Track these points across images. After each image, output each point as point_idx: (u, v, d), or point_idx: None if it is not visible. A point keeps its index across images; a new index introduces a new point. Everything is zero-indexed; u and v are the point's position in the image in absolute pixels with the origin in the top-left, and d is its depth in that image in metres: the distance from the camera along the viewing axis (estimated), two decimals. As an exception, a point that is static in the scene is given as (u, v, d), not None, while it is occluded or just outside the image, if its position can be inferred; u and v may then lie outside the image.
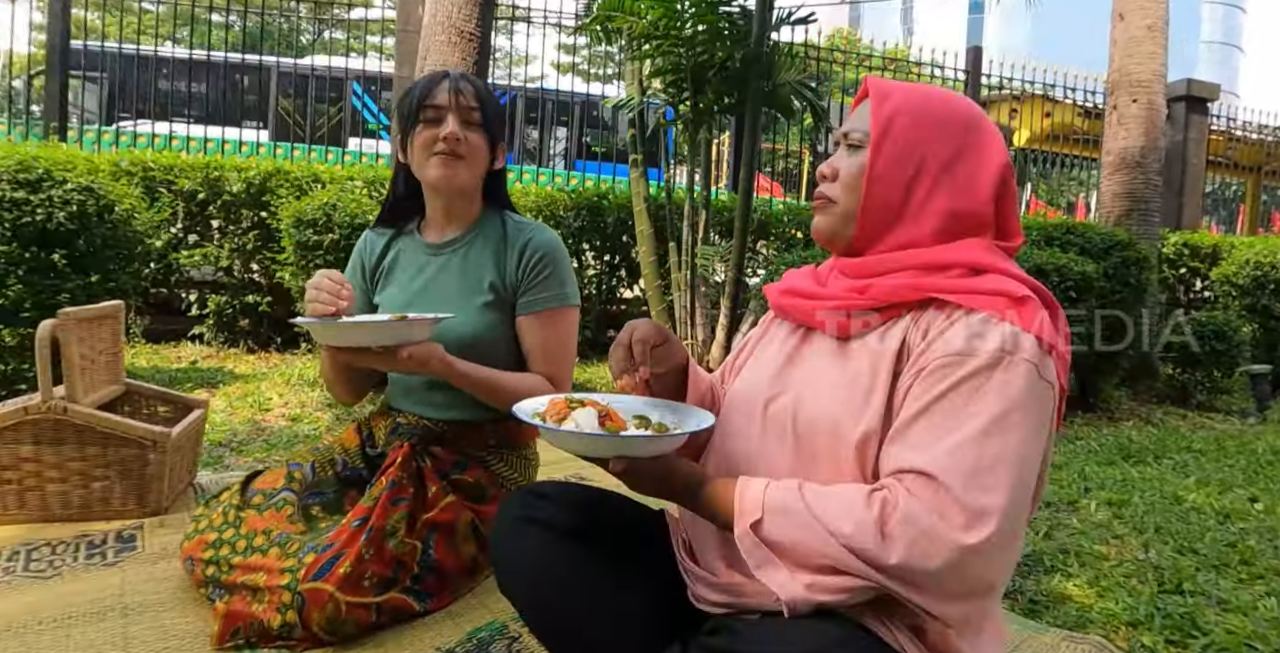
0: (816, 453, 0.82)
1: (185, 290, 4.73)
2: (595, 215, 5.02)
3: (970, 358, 0.74)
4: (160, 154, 4.65)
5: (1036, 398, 0.74)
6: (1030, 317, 0.77)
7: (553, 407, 0.86)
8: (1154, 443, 3.42)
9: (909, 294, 0.82)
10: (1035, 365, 0.74)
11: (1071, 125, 7.94)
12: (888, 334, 0.83)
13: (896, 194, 0.86)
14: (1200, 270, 6.30)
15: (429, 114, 1.36)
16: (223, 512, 1.37)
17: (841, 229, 0.91)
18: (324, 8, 7.34)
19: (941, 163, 0.85)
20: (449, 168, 1.37)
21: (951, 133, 0.86)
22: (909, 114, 0.86)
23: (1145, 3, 4.57)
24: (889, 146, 0.86)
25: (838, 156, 0.92)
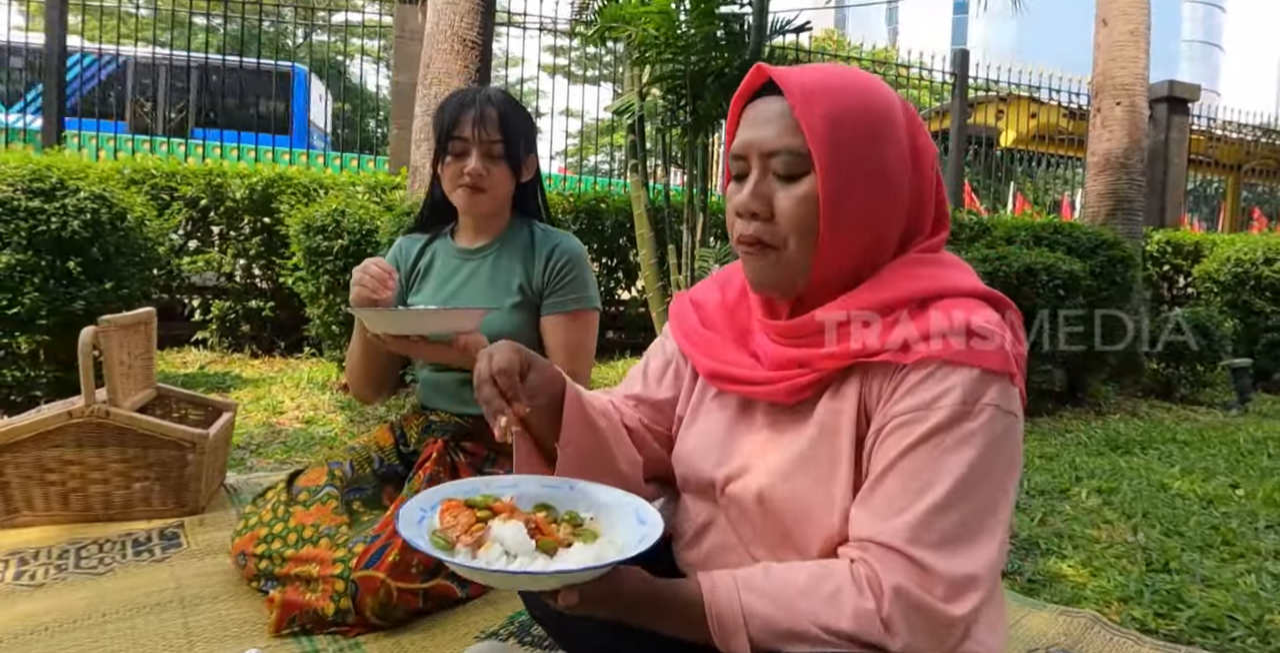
0: (789, 534, 0.74)
1: (188, 296, 4.77)
2: (594, 219, 5.11)
3: (930, 413, 0.66)
4: (162, 161, 4.69)
5: (1005, 439, 0.67)
6: (991, 352, 0.68)
7: (455, 518, 0.68)
8: (1141, 435, 3.54)
9: (859, 358, 0.71)
10: (999, 407, 0.67)
11: (1057, 126, 8.09)
12: (839, 393, 0.73)
13: (858, 225, 0.71)
14: (1183, 268, 6.45)
15: (455, 146, 1.46)
16: (271, 508, 1.45)
17: (792, 280, 0.74)
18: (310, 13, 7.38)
19: (890, 167, 0.71)
20: (472, 199, 1.48)
21: (891, 122, 0.71)
22: (848, 113, 0.69)
23: (1128, 8, 4.71)
24: (839, 165, 0.69)
25: (759, 184, 0.73)
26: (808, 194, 0.70)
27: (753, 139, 0.73)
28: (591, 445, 0.82)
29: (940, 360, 0.67)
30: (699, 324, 0.86)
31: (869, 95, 0.71)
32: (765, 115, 0.72)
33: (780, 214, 0.72)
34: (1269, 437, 3.58)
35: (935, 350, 0.67)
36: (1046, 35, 48.12)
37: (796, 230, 0.71)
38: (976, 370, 0.67)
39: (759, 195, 0.72)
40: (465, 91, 1.48)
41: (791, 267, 0.73)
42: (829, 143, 0.68)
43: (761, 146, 0.72)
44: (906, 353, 0.68)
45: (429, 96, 3.91)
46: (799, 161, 0.70)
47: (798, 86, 0.70)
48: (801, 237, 0.71)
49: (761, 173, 0.73)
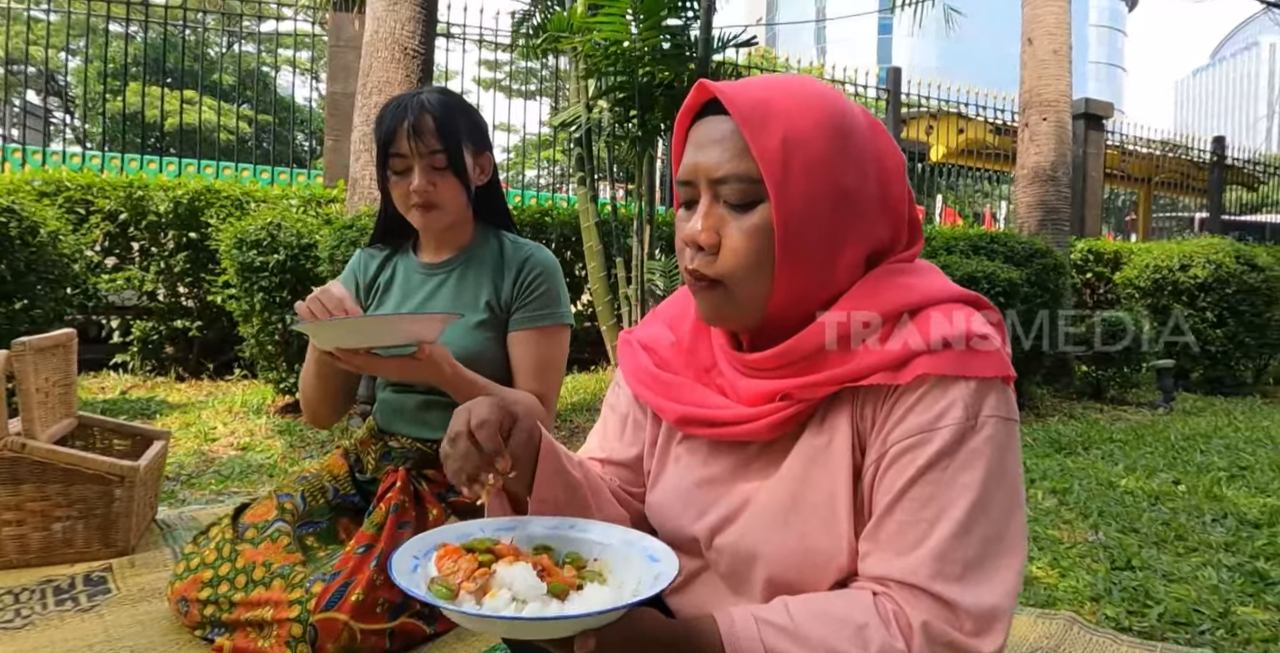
0: (792, 584, 0.67)
1: (106, 316, 4.47)
2: (538, 232, 5.03)
3: (934, 434, 0.61)
4: (76, 173, 4.40)
5: (1009, 448, 0.63)
6: (988, 359, 0.63)
7: (455, 564, 0.61)
8: (1080, 435, 3.66)
9: (850, 383, 0.64)
10: (1001, 416, 0.63)
11: (983, 141, 8.45)
12: (827, 423, 0.66)
13: (819, 253, 0.64)
14: (1104, 275, 6.79)
15: (396, 164, 1.34)
16: (215, 547, 1.33)
17: (747, 314, 0.67)
18: (233, 19, 7.11)
19: (855, 186, 0.64)
20: (426, 218, 1.36)
21: (853, 136, 0.64)
22: (804, 133, 0.62)
23: (1052, 28, 4.94)
24: (796, 192, 0.62)
25: (708, 214, 0.66)
26: (760, 225, 0.63)
27: (699, 163, 0.66)
28: (568, 499, 0.73)
29: (937, 376, 0.62)
30: (654, 367, 0.77)
31: (827, 110, 0.64)
32: (713, 136, 0.65)
33: (729, 248, 0.65)
34: (1196, 433, 3.76)
35: (931, 366, 0.62)
36: (967, 54, 50.55)
37: (748, 264, 0.64)
38: (974, 381, 0.62)
39: (708, 227, 0.65)
40: (400, 99, 1.35)
41: (745, 302, 0.66)
42: (783, 168, 0.62)
43: (709, 172, 0.65)
44: (900, 372, 0.62)
45: (369, 106, 3.78)
46: (751, 189, 0.63)
47: (747, 105, 0.63)
48: (755, 270, 0.64)
49: (710, 200, 0.66)
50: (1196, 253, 5.47)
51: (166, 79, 16.31)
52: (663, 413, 0.75)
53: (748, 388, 0.69)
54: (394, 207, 1.41)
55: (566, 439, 3.33)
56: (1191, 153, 10.12)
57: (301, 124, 16.88)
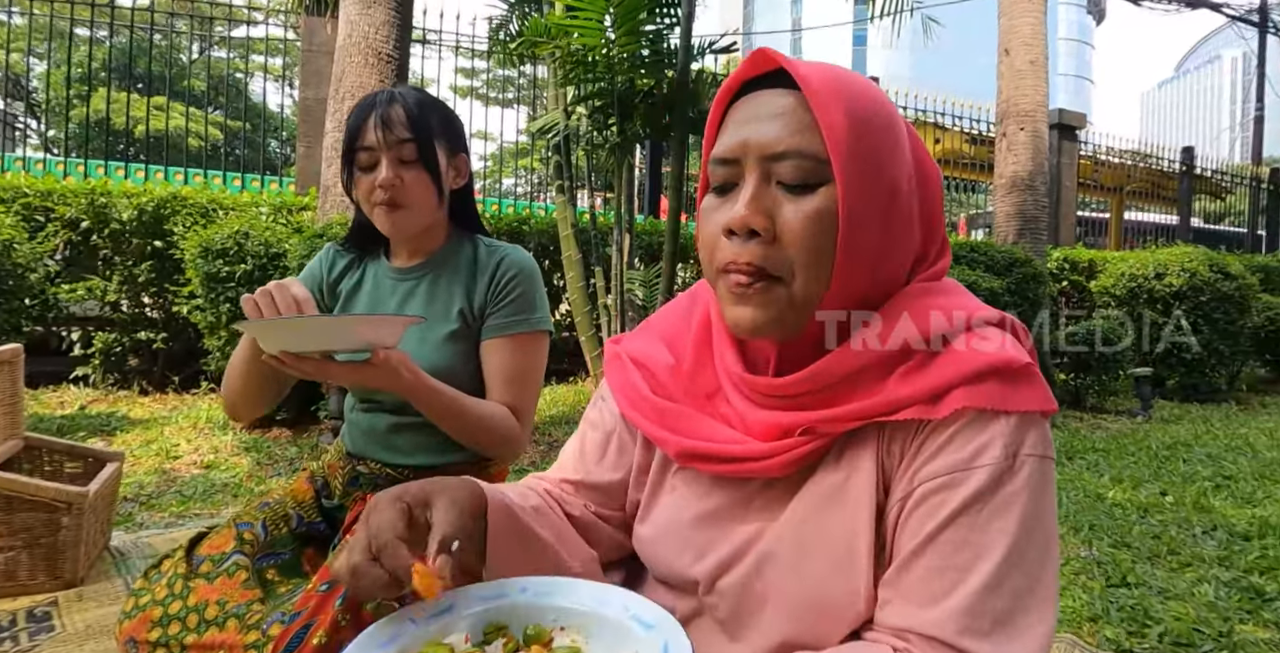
0: (800, 636, 0.61)
1: (65, 328, 4.31)
2: (516, 241, 4.95)
3: (969, 475, 0.55)
4: (36, 180, 4.24)
5: (1046, 489, 0.57)
6: (1031, 391, 0.57)
7: None
8: (1063, 445, 3.65)
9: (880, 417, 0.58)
10: (1040, 457, 0.56)
11: (960, 150, 8.51)
12: (847, 457, 0.60)
13: (874, 252, 0.58)
14: (1080, 283, 6.85)
15: (362, 158, 1.25)
16: (167, 583, 1.22)
17: (794, 322, 0.59)
18: (206, 24, 6.97)
19: (904, 184, 0.59)
20: (391, 218, 1.26)
21: (900, 134, 0.59)
22: (867, 117, 0.57)
23: (1029, 39, 4.98)
24: (862, 177, 0.56)
25: (756, 196, 0.58)
26: (823, 210, 0.56)
27: (752, 138, 0.58)
28: (528, 557, 0.65)
29: (976, 410, 0.56)
30: (650, 392, 0.69)
31: (881, 102, 0.59)
32: (770, 110, 0.58)
33: (788, 234, 0.56)
34: (1177, 442, 3.76)
35: (971, 399, 0.55)
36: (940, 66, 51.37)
37: (808, 256, 0.56)
38: (1015, 416, 0.56)
39: (760, 210, 0.57)
40: (370, 95, 1.27)
41: (799, 304, 0.58)
42: (851, 148, 0.56)
43: (766, 147, 0.57)
44: (936, 405, 0.56)
45: (341, 111, 3.69)
46: (814, 168, 0.56)
47: (817, 79, 0.57)
48: (813, 265, 0.57)
49: (760, 181, 0.58)
50: (1171, 261, 5.53)
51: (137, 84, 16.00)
52: (661, 444, 0.67)
53: (760, 420, 0.62)
54: (364, 214, 1.32)
55: (545, 453, 3.24)
56: (1162, 163, 10.31)
57: (275, 131, 16.64)
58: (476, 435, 1.28)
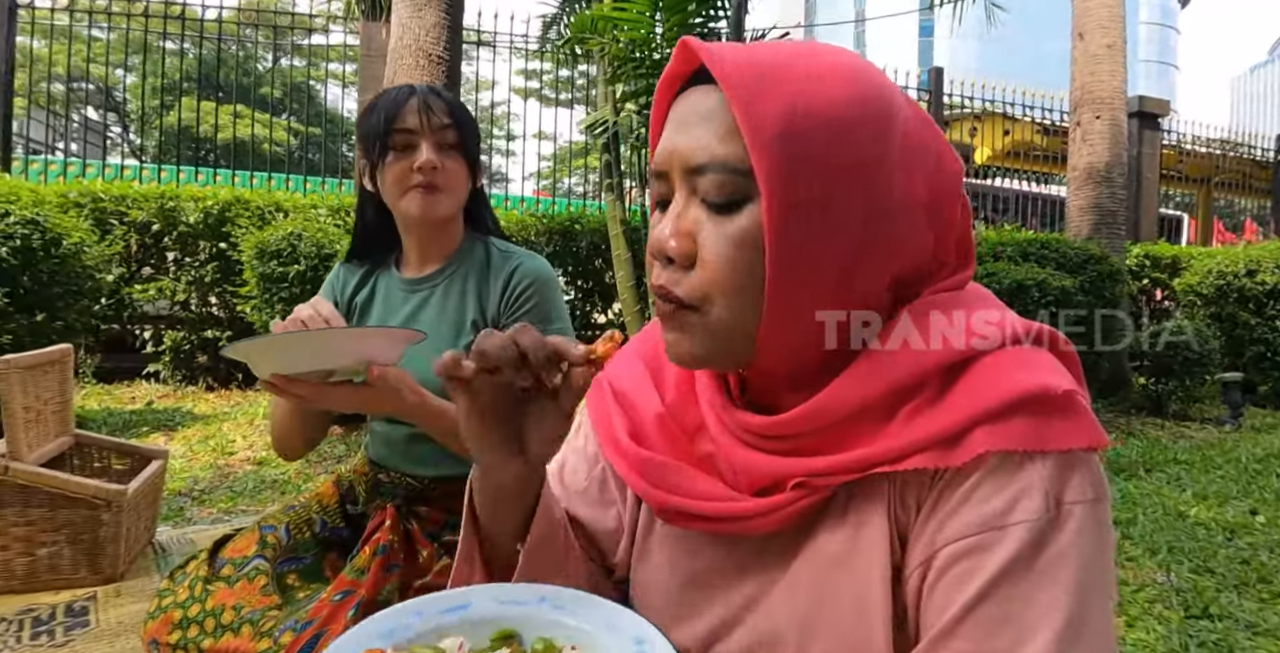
0: None
1: (139, 326, 4.51)
2: (568, 240, 4.94)
3: (1004, 534, 0.45)
4: (110, 184, 4.45)
5: (1102, 540, 0.47)
6: (1073, 425, 0.46)
7: None
8: (1141, 455, 3.41)
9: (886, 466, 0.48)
10: (1090, 501, 0.46)
11: (1031, 142, 8.12)
12: (853, 509, 0.51)
13: (827, 276, 0.48)
14: (1162, 281, 6.43)
15: (398, 140, 1.21)
16: (189, 585, 1.22)
17: (724, 354, 0.51)
18: (282, 33, 7.20)
19: (891, 188, 0.48)
20: (428, 201, 1.22)
21: (898, 128, 0.48)
22: (814, 110, 0.46)
23: (1105, 22, 4.68)
24: (800, 189, 0.46)
25: (681, 214, 0.50)
26: (746, 232, 0.47)
27: (675, 147, 0.50)
28: (557, 553, 0.59)
29: (1002, 453, 0.46)
30: (628, 437, 0.61)
31: (855, 80, 0.47)
32: (695, 111, 0.49)
33: (704, 260, 0.48)
34: (1270, 454, 3.47)
35: (995, 440, 0.45)
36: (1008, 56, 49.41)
37: (728, 285, 0.48)
38: (1053, 457, 0.45)
39: (680, 232, 0.49)
40: (403, 85, 1.26)
41: (723, 335, 0.50)
42: (782, 154, 0.45)
43: (685, 159, 0.49)
44: (954, 450, 0.46)
45: (393, 114, 3.73)
46: (736, 182, 0.47)
47: (737, 71, 0.46)
48: (735, 294, 0.48)
49: (687, 197, 0.50)
50: (1264, 257, 5.12)
51: (215, 93, 16.78)
52: (648, 500, 0.59)
53: (748, 465, 0.53)
54: (373, 217, 1.29)
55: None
56: (1254, 151, 9.62)
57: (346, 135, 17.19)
58: None
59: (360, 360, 0.96)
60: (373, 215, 1.29)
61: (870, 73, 0.48)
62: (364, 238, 1.36)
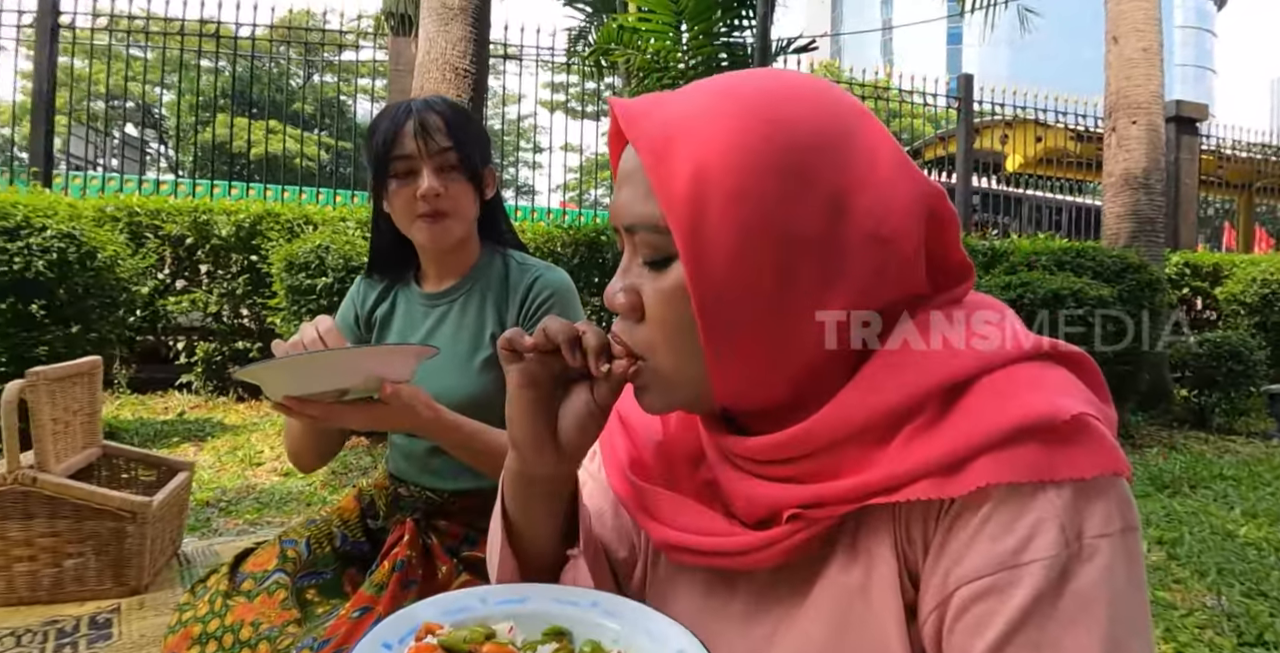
0: None
1: (172, 338, 4.59)
2: (594, 252, 4.93)
3: (1019, 575, 0.42)
4: (147, 199, 4.54)
5: (1132, 575, 0.43)
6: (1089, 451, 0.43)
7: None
8: (1184, 471, 3.29)
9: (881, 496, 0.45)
10: (1118, 532, 0.43)
11: (1064, 149, 7.97)
12: (861, 549, 0.48)
13: (766, 324, 0.47)
14: (1203, 290, 6.25)
15: (399, 167, 1.19)
16: (209, 600, 1.22)
17: (682, 397, 0.51)
18: (314, 49, 7.33)
19: (819, 229, 0.45)
20: (436, 229, 1.21)
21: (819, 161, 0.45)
22: (724, 158, 0.45)
23: (1140, 25, 4.59)
24: (717, 245, 0.45)
25: (625, 271, 0.51)
26: (676, 287, 0.47)
27: (615, 204, 0.51)
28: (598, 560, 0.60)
29: (1008, 485, 0.42)
30: (628, 468, 0.60)
31: (765, 118, 0.45)
32: (626, 171, 0.50)
33: (648, 315, 0.50)
34: (1323, 470, 3.33)
35: (998, 471, 0.42)
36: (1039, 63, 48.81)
37: (667, 338, 0.49)
38: (1068, 487, 0.42)
39: (626, 288, 0.51)
40: (398, 103, 1.22)
41: (672, 385, 0.50)
42: (693, 211, 0.44)
43: (620, 217, 0.50)
44: (953, 479, 0.43)
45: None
46: (661, 241, 0.47)
47: (647, 134, 0.46)
48: (675, 345, 0.49)
49: (631, 253, 0.51)
50: (1313, 265, 4.96)
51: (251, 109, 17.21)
52: (648, 532, 0.57)
53: (746, 493, 0.51)
54: (386, 234, 1.28)
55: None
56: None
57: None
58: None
59: (372, 379, 0.94)
60: (388, 232, 1.28)
61: (803, 104, 0.46)
62: (381, 254, 1.34)
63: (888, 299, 0.48)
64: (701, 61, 3.61)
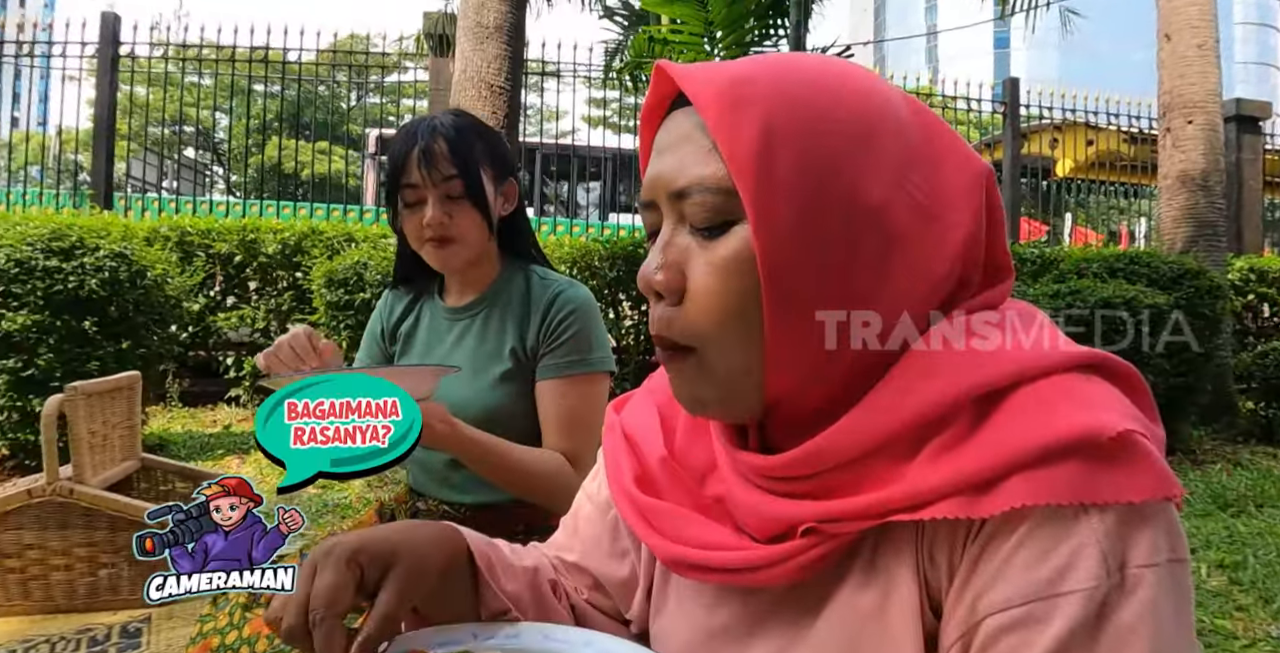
0: None
1: (223, 353, 4.73)
2: (631, 265, 4.92)
3: (1053, 606, 0.38)
4: (198, 219, 4.72)
5: (1180, 609, 0.40)
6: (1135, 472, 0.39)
7: None
8: (1250, 489, 3.11)
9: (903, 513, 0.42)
10: (1166, 565, 0.39)
11: (1117, 152, 7.71)
12: (879, 569, 0.45)
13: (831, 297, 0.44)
14: (1269, 296, 5.93)
15: (408, 195, 1.22)
16: (228, 612, 1.23)
17: (734, 400, 0.47)
18: (361, 72, 7.54)
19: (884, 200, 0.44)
20: (441, 255, 1.23)
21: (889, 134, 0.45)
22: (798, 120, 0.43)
23: (1195, 21, 4.41)
24: (786, 205, 0.42)
25: (667, 245, 0.47)
26: (736, 256, 0.44)
27: (658, 174, 0.47)
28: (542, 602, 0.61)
29: (1045, 507, 0.39)
30: (633, 484, 0.56)
31: (835, 88, 0.44)
32: (673, 137, 0.47)
33: (695, 293, 0.45)
34: (1407, 488, 3.10)
35: (1033, 492, 0.38)
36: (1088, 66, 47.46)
37: (723, 316, 0.44)
38: (1112, 512, 0.38)
39: (668, 264, 0.46)
40: (411, 124, 1.24)
41: (720, 377, 0.46)
42: (764, 169, 0.42)
43: (668, 184, 0.46)
44: (983, 499, 0.39)
45: (454, 143, 3.83)
46: (720, 203, 0.44)
47: (712, 91, 0.44)
48: (735, 326, 0.44)
49: (674, 225, 0.47)
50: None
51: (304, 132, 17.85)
52: (654, 550, 0.54)
53: (758, 509, 0.48)
54: (407, 247, 1.29)
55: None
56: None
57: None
58: (529, 487, 1.21)
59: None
60: (409, 247, 1.30)
61: (855, 80, 0.46)
62: (405, 265, 1.36)
63: (939, 281, 0.46)
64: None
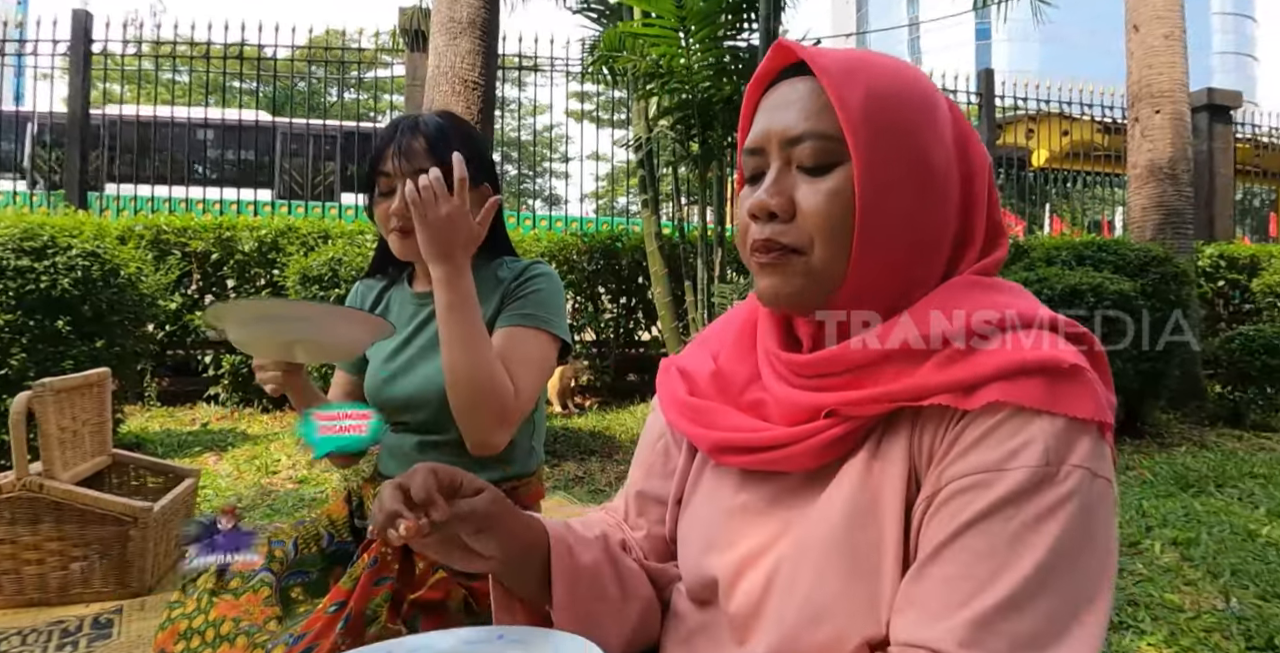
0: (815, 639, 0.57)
1: (201, 351, 4.72)
2: (609, 258, 4.96)
3: (1001, 476, 0.50)
4: (172, 216, 4.69)
5: (1098, 510, 0.51)
6: (1081, 395, 0.52)
7: None
8: (1213, 469, 3.19)
9: (907, 402, 0.55)
10: (1089, 469, 0.51)
11: (1091, 142, 7.80)
12: (880, 451, 0.57)
13: (900, 231, 0.58)
14: (1239, 282, 6.05)
15: (382, 184, 1.25)
16: (196, 598, 1.25)
17: (819, 292, 0.59)
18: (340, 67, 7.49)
19: (940, 164, 0.58)
20: (405, 244, 1.26)
21: (936, 113, 0.59)
22: (890, 93, 0.57)
23: (1161, 12, 4.48)
24: (881, 154, 0.56)
25: (777, 180, 0.60)
26: (840, 187, 0.57)
27: (772, 125, 0.60)
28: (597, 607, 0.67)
29: (1014, 406, 0.52)
30: (687, 394, 0.70)
31: (913, 75, 0.60)
32: (789, 98, 0.61)
33: (805, 212, 0.58)
34: (1363, 468, 3.19)
35: (1008, 393, 0.52)
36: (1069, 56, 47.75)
37: (826, 230, 0.58)
38: (1061, 420, 0.51)
39: (779, 191, 0.59)
40: (396, 120, 1.28)
41: (819, 275, 0.59)
42: (869, 124, 0.56)
43: (784, 133, 0.59)
44: (969, 396, 0.53)
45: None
46: (830, 148, 0.58)
47: (831, 62, 0.58)
48: (831, 238, 0.58)
49: (783, 166, 0.60)
50: (1354, 254, 4.77)
51: (283, 128, 17.65)
52: (697, 441, 0.67)
53: (789, 399, 0.61)
54: (383, 237, 1.32)
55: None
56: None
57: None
58: (483, 386, 1.19)
59: (321, 335, 1.01)
60: None
61: (920, 74, 0.62)
62: (382, 256, 1.39)
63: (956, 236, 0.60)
64: (708, 65, 3.61)
